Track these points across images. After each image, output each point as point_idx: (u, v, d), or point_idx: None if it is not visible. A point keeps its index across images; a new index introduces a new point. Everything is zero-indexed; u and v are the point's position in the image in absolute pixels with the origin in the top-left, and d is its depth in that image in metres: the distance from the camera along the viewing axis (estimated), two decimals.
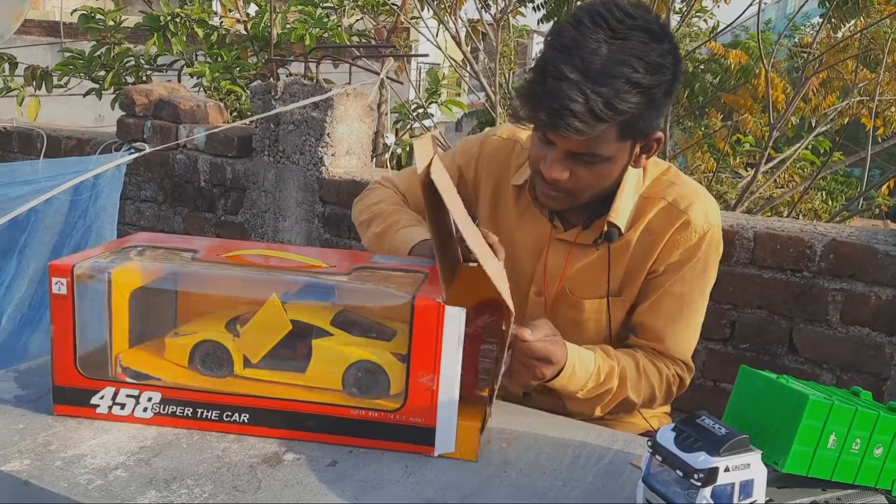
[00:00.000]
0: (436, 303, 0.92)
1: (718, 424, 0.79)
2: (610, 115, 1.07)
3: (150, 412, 1.00)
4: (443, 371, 0.93)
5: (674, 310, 1.25)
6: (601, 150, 1.13)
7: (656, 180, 1.28)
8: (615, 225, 1.24)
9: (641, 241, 1.26)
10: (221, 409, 0.99)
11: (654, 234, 1.25)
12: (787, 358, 1.93)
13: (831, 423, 0.81)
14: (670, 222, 1.24)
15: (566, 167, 1.15)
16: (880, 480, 0.85)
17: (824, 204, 4.55)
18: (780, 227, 1.94)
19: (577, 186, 1.18)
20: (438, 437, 0.96)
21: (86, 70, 4.01)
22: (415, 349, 0.93)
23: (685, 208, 1.24)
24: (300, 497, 0.87)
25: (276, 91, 2.57)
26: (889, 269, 1.78)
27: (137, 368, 1.02)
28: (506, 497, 0.90)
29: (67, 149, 3.06)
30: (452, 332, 0.93)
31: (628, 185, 1.25)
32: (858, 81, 3.46)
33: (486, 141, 1.42)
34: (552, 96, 1.07)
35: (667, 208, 1.25)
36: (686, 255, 1.24)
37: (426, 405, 0.95)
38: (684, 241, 1.24)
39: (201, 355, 1.03)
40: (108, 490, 0.87)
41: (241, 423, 0.99)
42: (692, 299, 1.26)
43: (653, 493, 0.80)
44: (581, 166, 1.16)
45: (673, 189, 1.26)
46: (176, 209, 2.95)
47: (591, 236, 1.28)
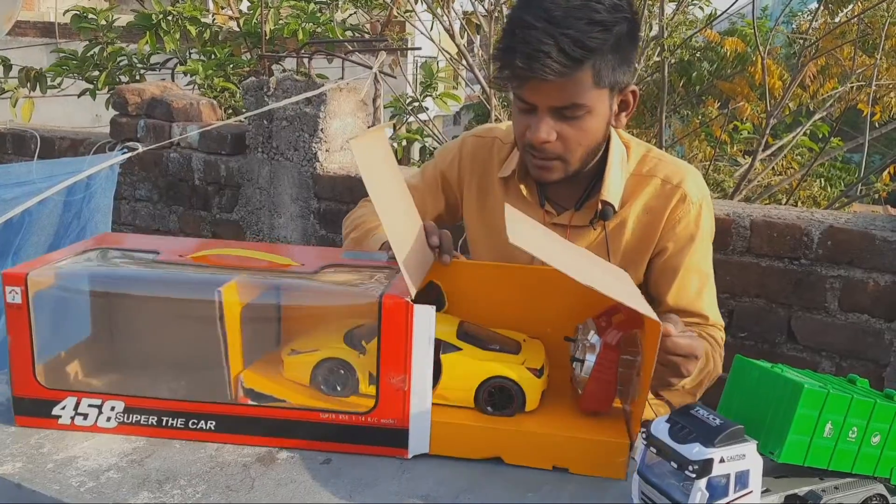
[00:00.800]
0: (404, 301, 0.89)
1: (713, 415, 0.78)
2: (580, 53, 1.12)
3: (114, 422, 0.97)
4: (414, 371, 0.91)
5: (699, 283, 1.29)
6: (581, 99, 1.16)
7: (642, 159, 1.31)
8: (608, 203, 1.26)
9: (640, 221, 1.28)
10: (187, 417, 0.96)
11: (653, 213, 1.28)
12: (786, 346, 1.92)
13: (827, 412, 0.80)
14: (667, 199, 1.27)
15: (552, 128, 1.19)
16: (878, 468, 0.85)
17: (823, 191, 4.53)
18: (777, 214, 1.93)
19: (566, 148, 1.20)
20: (412, 439, 0.93)
21: (79, 70, 3.99)
22: (384, 349, 0.90)
23: (679, 183, 1.27)
24: (294, 496, 0.86)
25: (269, 87, 2.55)
26: (887, 255, 1.77)
27: (259, 390, 0.97)
28: (500, 492, 0.89)
29: (61, 149, 3.05)
30: (422, 330, 0.90)
31: (614, 163, 1.27)
32: (856, 67, 3.44)
33: (465, 142, 1.44)
34: (524, 43, 1.13)
35: (661, 185, 1.28)
36: (691, 227, 1.28)
37: (398, 406, 0.92)
38: (684, 214, 1.27)
39: (324, 373, 0.98)
40: (101, 492, 0.86)
41: (208, 431, 0.96)
42: (708, 266, 1.31)
43: (648, 485, 0.79)
44: (565, 124, 1.19)
45: (661, 166, 1.29)
46: (171, 208, 2.94)
47: (585, 217, 1.29)
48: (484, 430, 0.94)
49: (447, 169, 1.43)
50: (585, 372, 0.96)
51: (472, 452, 0.94)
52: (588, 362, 0.96)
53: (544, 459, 0.93)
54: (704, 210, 1.29)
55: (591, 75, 1.15)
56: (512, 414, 0.96)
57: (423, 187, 1.45)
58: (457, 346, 0.98)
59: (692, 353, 1.03)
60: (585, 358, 0.96)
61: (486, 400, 0.96)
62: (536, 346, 1.04)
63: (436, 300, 1.07)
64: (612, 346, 0.95)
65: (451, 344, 0.98)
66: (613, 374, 0.96)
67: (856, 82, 3.42)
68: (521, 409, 0.96)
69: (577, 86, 1.15)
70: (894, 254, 1.77)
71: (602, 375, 0.95)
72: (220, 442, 0.96)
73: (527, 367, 0.97)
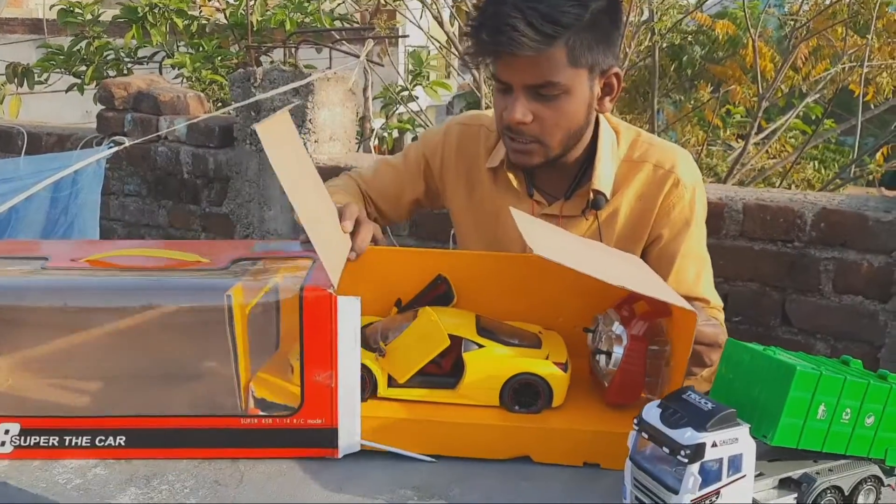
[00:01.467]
0: (326, 293, 0.85)
1: (705, 399, 0.77)
2: (551, 28, 1.10)
3: (10, 446, 0.88)
4: (341, 366, 0.87)
5: (696, 267, 1.28)
6: (555, 77, 1.14)
7: (632, 144, 1.29)
8: (600, 192, 1.24)
9: (633, 208, 1.26)
10: (93, 434, 0.88)
11: (645, 200, 1.26)
12: (781, 329, 1.92)
13: (820, 394, 0.79)
14: (660, 185, 1.25)
15: (527, 108, 1.16)
16: (872, 450, 0.84)
17: (817, 173, 4.53)
18: (770, 197, 1.92)
19: (543, 129, 1.18)
20: (342, 437, 0.89)
21: (66, 65, 3.96)
22: (307, 345, 0.86)
23: (671, 167, 1.26)
24: (284, 489, 0.85)
25: (256, 78, 2.53)
26: (880, 236, 1.77)
27: (272, 399, 0.90)
28: (495, 479, 0.88)
29: (48, 145, 3.02)
30: (348, 323, 0.85)
31: (604, 150, 1.25)
32: (848, 48, 3.43)
33: (449, 130, 1.40)
34: (492, 18, 1.11)
35: (653, 171, 1.26)
36: (686, 212, 1.26)
37: (325, 404, 0.87)
38: (678, 199, 1.26)
39: None
40: (87, 489, 0.85)
41: (117, 447, 0.89)
42: (703, 249, 1.30)
43: (640, 471, 0.78)
44: (541, 105, 1.16)
45: (652, 150, 1.27)
46: (160, 202, 2.92)
47: (576, 207, 1.27)
48: (511, 429, 0.91)
49: (430, 156, 1.40)
50: (614, 364, 0.93)
51: (498, 453, 0.91)
52: (616, 354, 0.93)
53: (575, 456, 0.91)
54: (698, 193, 1.28)
55: (565, 53, 1.13)
56: (538, 411, 0.93)
57: (404, 169, 1.42)
58: (479, 342, 0.94)
59: (715, 342, 1.01)
60: (613, 350, 0.94)
61: (511, 398, 0.93)
62: (555, 338, 1.01)
63: (444, 294, 1.05)
64: (640, 336, 0.92)
65: (473, 341, 0.94)
66: (642, 365, 0.93)
67: (848, 63, 3.41)
68: (548, 406, 0.93)
69: (551, 63, 1.13)
70: (888, 234, 1.76)
71: (630, 367, 0.93)
72: (132, 458, 0.89)
73: (552, 361, 0.94)
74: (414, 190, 1.42)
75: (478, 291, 1.05)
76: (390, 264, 1.07)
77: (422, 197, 1.43)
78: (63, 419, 0.89)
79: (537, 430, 0.91)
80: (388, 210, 1.44)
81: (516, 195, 1.29)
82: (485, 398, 0.93)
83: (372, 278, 1.06)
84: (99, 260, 0.96)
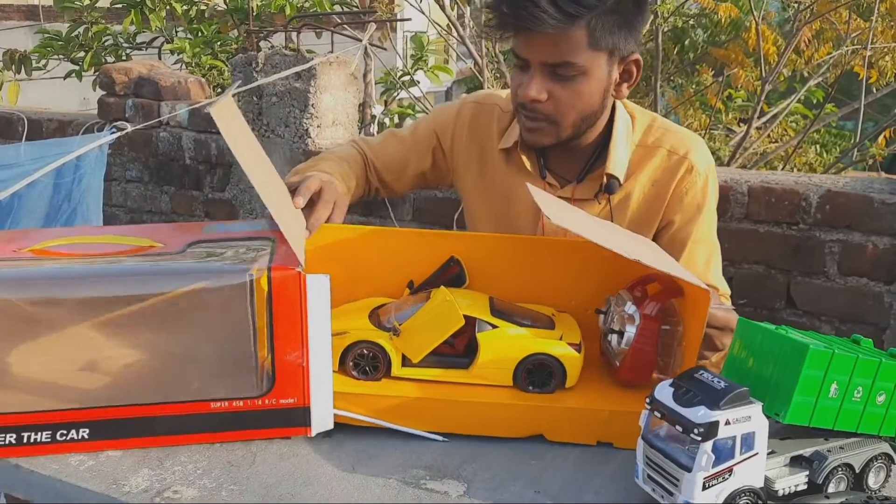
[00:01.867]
0: (295, 271, 0.84)
1: (717, 378, 0.77)
2: (573, 7, 1.09)
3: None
4: (312, 345, 0.86)
5: (706, 254, 1.28)
6: (574, 58, 1.13)
7: (647, 129, 1.28)
8: (613, 176, 1.24)
9: (646, 193, 1.26)
10: (54, 429, 0.86)
11: (659, 185, 1.26)
12: (786, 312, 1.92)
13: (832, 372, 0.79)
14: (674, 170, 1.25)
15: (543, 87, 1.15)
16: (883, 428, 0.84)
17: (819, 157, 4.52)
18: (775, 180, 1.92)
19: (557, 109, 1.17)
20: (314, 416, 0.89)
21: (64, 51, 3.93)
22: (277, 325, 0.85)
23: (685, 154, 1.25)
24: (297, 469, 0.86)
25: (257, 63, 2.52)
26: (885, 218, 1.77)
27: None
28: (504, 460, 0.88)
29: (49, 131, 3.01)
30: (317, 301, 0.85)
31: (620, 134, 1.25)
32: (851, 31, 3.40)
33: (463, 108, 1.39)
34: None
35: (667, 157, 1.26)
36: (699, 198, 1.26)
37: (297, 384, 0.87)
38: (691, 185, 1.25)
39: (354, 357, 0.94)
40: (100, 470, 0.85)
41: (81, 441, 0.86)
42: (714, 236, 1.31)
43: (653, 450, 0.78)
44: (558, 84, 1.16)
45: (667, 136, 1.27)
46: (162, 188, 2.91)
47: (588, 190, 1.27)
48: (524, 408, 0.92)
49: (441, 133, 1.39)
50: (626, 343, 0.94)
51: (512, 432, 0.92)
52: (629, 333, 0.93)
53: (588, 435, 0.91)
54: (711, 180, 1.28)
55: (585, 34, 1.12)
56: (552, 391, 0.94)
57: (412, 142, 1.41)
58: (493, 323, 0.95)
59: (727, 326, 1.01)
60: (625, 329, 0.94)
61: (525, 378, 0.93)
62: (568, 319, 1.02)
63: (457, 276, 1.05)
64: (653, 316, 0.93)
65: (487, 321, 0.95)
66: (654, 345, 0.94)
67: (851, 46, 3.39)
68: (562, 386, 0.94)
69: (571, 43, 1.12)
70: (893, 216, 1.76)
71: (642, 347, 0.93)
72: (97, 451, 0.87)
73: (566, 342, 0.94)
74: (420, 164, 1.41)
75: (490, 273, 1.05)
76: (403, 246, 1.07)
77: (427, 171, 1.42)
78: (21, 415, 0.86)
79: (551, 410, 0.91)
80: (391, 181, 1.43)
81: (529, 177, 1.29)
82: (498, 378, 0.94)
83: (384, 260, 1.06)
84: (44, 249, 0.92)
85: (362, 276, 1.06)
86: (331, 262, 1.03)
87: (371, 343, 0.95)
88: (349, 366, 0.95)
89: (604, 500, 0.81)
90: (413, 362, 0.95)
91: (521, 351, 0.93)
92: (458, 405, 0.92)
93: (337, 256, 1.05)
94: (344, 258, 1.06)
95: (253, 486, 0.82)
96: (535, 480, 0.84)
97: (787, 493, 0.79)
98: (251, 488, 0.82)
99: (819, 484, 0.80)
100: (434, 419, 0.92)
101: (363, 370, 0.95)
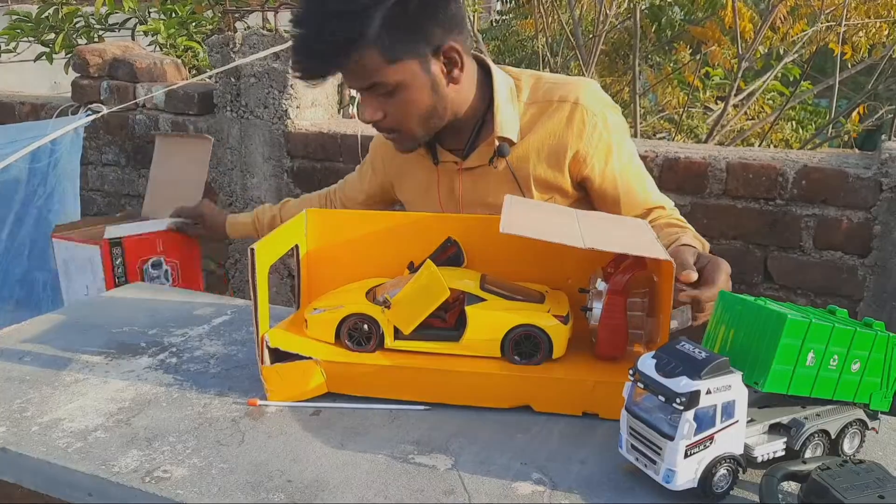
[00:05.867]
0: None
1: (698, 349, 0.79)
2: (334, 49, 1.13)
3: None
4: None
5: (639, 180, 1.31)
6: (378, 78, 1.17)
7: (534, 86, 1.30)
8: (504, 138, 1.26)
9: (546, 145, 1.28)
10: None
11: (559, 136, 1.27)
12: (763, 286, 1.95)
13: (809, 341, 0.81)
14: (570, 119, 1.26)
15: (376, 107, 1.21)
16: (858, 395, 0.87)
17: (795, 133, 4.56)
18: (752, 156, 1.94)
19: (395, 121, 1.23)
20: None
21: (34, 33, 3.84)
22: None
23: (576, 100, 1.27)
24: (286, 447, 0.86)
25: (235, 43, 2.48)
26: (860, 192, 1.80)
27: (286, 349, 0.95)
28: (491, 434, 0.90)
29: (21, 115, 2.95)
30: None
31: (503, 98, 1.27)
32: (825, 7, 3.43)
33: (375, 141, 1.51)
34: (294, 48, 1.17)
35: (559, 107, 1.27)
36: (605, 136, 1.27)
37: None
38: (593, 128, 1.26)
39: (348, 329, 0.98)
40: (89, 452, 0.85)
41: None
42: (637, 160, 1.33)
43: (636, 420, 0.80)
44: (386, 100, 1.20)
45: (555, 88, 1.29)
46: (140, 171, 2.88)
47: (481, 158, 1.30)
48: (512, 378, 0.94)
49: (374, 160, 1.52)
50: (594, 320, 0.96)
51: (499, 402, 0.94)
52: (595, 310, 0.96)
53: (574, 406, 0.93)
54: (610, 115, 1.28)
55: (377, 53, 1.14)
56: (539, 362, 0.96)
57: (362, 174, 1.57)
58: (481, 297, 0.97)
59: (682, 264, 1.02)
60: (593, 306, 0.96)
61: (512, 349, 0.96)
62: (559, 295, 1.04)
63: (455, 256, 1.07)
64: (618, 291, 0.95)
65: (475, 295, 0.97)
66: (621, 318, 0.96)
67: (825, 23, 3.42)
68: (549, 357, 0.96)
69: (367, 67, 1.15)
70: (868, 191, 1.79)
71: (610, 321, 0.95)
72: None
73: (553, 314, 0.96)
74: (367, 192, 1.55)
75: (488, 254, 1.07)
76: (403, 229, 1.09)
77: (376, 194, 1.54)
78: None
79: (538, 380, 0.94)
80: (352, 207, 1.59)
81: (426, 167, 1.36)
82: (487, 350, 0.96)
83: (385, 242, 1.09)
84: None
85: (364, 259, 1.09)
86: (334, 245, 1.09)
87: (364, 315, 0.98)
88: (344, 336, 0.98)
89: (589, 470, 0.83)
90: (404, 334, 0.97)
91: (508, 323, 0.95)
92: (447, 374, 0.94)
93: (340, 240, 1.09)
94: (347, 241, 1.09)
95: (242, 465, 0.83)
96: (521, 453, 0.86)
97: (766, 459, 0.82)
98: (241, 466, 0.83)
99: (797, 450, 0.82)
100: (423, 388, 0.94)
101: (357, 342, 0.98)
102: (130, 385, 1.01)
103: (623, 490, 0.80)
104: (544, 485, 0.80)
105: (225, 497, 0.77)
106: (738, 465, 0.78)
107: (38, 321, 1.23)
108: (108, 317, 1.25)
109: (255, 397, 0.97)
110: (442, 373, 0.94)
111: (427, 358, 0.96)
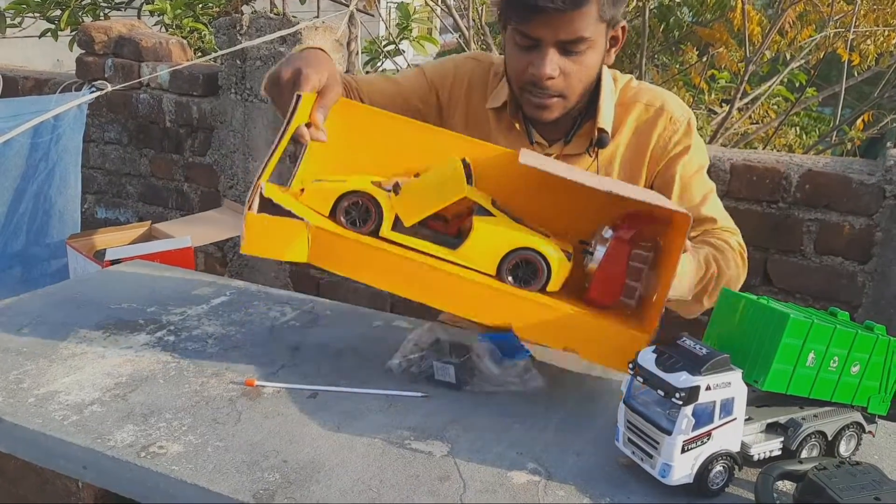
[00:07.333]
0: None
1: (699, 345, 0.79)
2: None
3: None
4: None
5: (701, 188, 1.29)
6: (587, 32, 1.16)
7: (625, 88, 1.32)
8: (604, 130, 1.27)
9: (630, 144, 1.29)
10: None
11: (641, 135, 1.29)
12: (762, 289, 1.95)
13: (811, 342, 0.81)
14: (653, 121, 1.29)
15: (556, 64, 1.17)
16: (856, 397, 0.87)
17: (798, 139, 4.56)
18: (757, 158, 1.94)
19: (568, 85, 1.20)
20: None
21: (40, 9, 3.82)
22: None
23: (661, 105, 1.30)
24: (282, 428, 0.86)
25: (242, 26, 2.47)
26: (863, 198, 1.80)
27: (279, 203, 0.91)
28: (487, 422, 0.90)
29: (25, 89, 2.94)
30: None
31: (606, 92, 1.28)
32: (834, 14, 3.42)
33: (462, 64, 1.39)
34: None
35: (645, 109, 1.30)
36: (683, 140, 1.29)
37: None
38: (672, 131, 1.28)
39: (347, 206, 0.93)
40: (84, 425, 0.85)
41: None
42: (708, 180, 1.31)
43: (634, 414, 0.80)
44: (568, 59, 1.18)
45: (642, 92, 1.32)
46: (142, 151, 2.87)
47: (578, 147, 1.29)
48: (501, 293, 0.91)
49: (440, 85, 1.37)
50: (595, 262, 0.94)
51: (483, 315, 0.91)
52: (598, 253, 0.94)
53: (557, 338, 0.91)
54: (692, 125, 1.31)
55: (595, 8, 1.14)
56: (533, 290, 0.93)
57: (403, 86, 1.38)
58: (491, 211, 0.94)
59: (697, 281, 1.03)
60: (596, 248, 0.95)
61: (509, 270, 0.93)
62: (564, 240, 1.02)
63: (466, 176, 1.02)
64: (625, 239, 0.93)
65: (486, 209, 0.94)
66: (622, 266, 0.94)
67: (834, 29, 3.41)
68: (543, 290, 0.93)
69: (584, 19, 1.14)
70: (870, 197, 1.79)
71: (610, 267, 0.93)
72: None
73: (563, 249, 0.94)
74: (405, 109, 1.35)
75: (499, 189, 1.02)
76: (419, 138, 1.05)
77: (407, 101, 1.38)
78: None
79: (524, 301, 0.91)
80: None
81: (518, 139, 1.30)
82: (483, 264, 0.93)
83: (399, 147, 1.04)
84: None
85: (373, 158, 1.04)
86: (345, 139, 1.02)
87: (367, 195, 0.93)
88: (340, 213, 0.94)
89: (585, 462, 0.83)
90: (404, 226, 0.93)
91: (514, 242, 0.92)
92: (436, 273, 0.90)
93: (353, 135, 1.03)
94: (360, 138, 1.04)
95: (238, 443, 0.83)
96: (517, 442, 0.86)
97: (763, 458, 0.82)
98: (236, 445, 0.83)
99: (793, 450, 0.82)
100: (408, 282, 0.91)
101: (353, 222, 0.94)
102: (128, 361, 1.01)
103: (618, 483, 0.80)
104: (539, 475, 0.80)
105: (220, 475, 0.77)
106: (735, 463, 0.78)
107: (37, 295, 1.23)
108: (108, 293, 1.24)
109: (253, 377, 0.96)
110: (432, 269, 0.90)
111: (418, 254, 0.93)
